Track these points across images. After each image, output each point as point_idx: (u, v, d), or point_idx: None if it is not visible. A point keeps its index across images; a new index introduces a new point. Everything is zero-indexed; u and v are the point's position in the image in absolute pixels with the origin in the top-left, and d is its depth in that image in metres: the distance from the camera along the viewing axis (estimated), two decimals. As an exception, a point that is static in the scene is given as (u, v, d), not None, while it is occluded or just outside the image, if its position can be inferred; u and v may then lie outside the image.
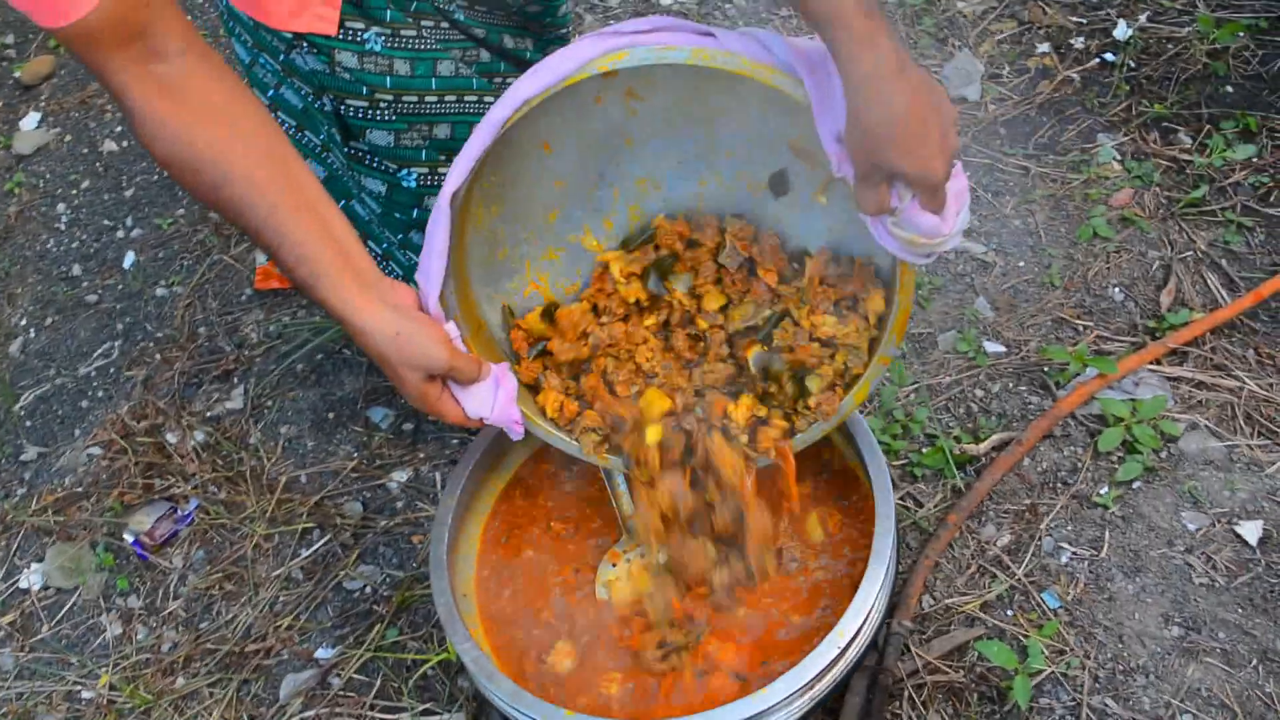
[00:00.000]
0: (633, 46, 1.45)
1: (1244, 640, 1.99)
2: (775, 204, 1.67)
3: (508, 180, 1.62)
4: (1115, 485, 2.19)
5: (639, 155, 1.66)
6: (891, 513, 1.64)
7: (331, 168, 2.07)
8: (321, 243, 1.50)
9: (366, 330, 1.51)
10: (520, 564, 1.83)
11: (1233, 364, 2.34)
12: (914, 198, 1.38)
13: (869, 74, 1.33)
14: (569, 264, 1.75)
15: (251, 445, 2.62)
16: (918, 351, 2.46)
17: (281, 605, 2.37)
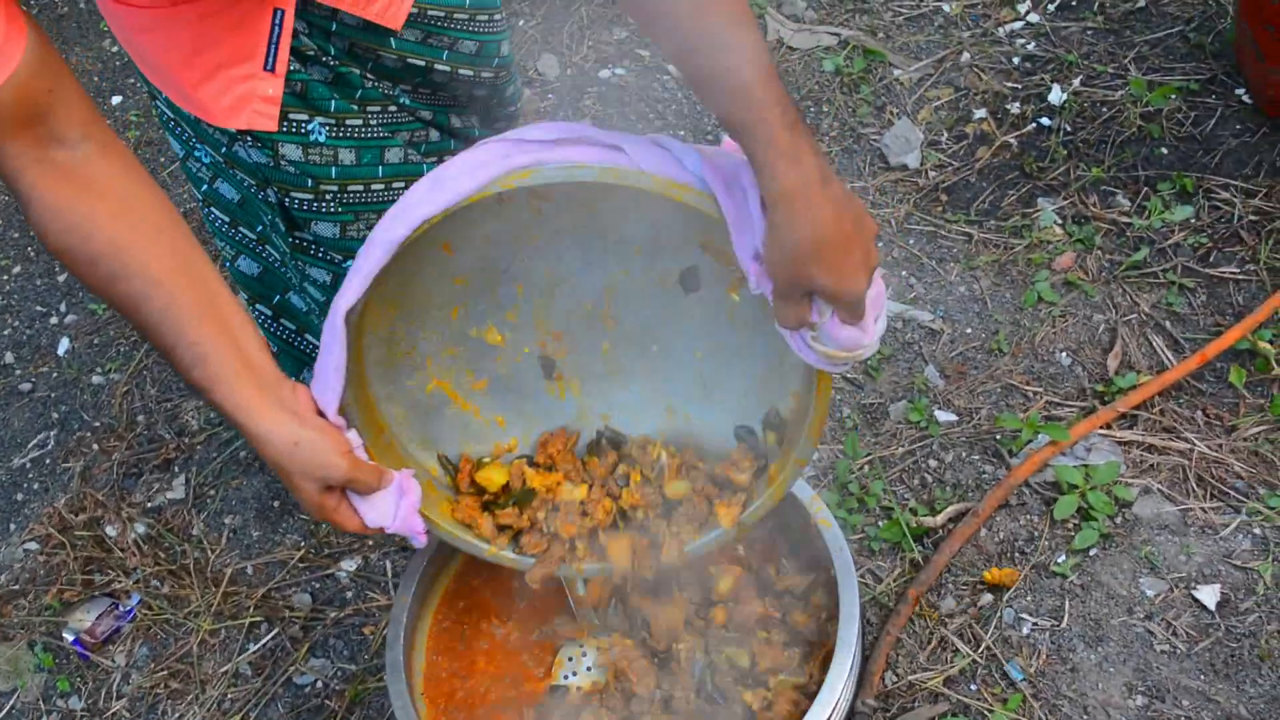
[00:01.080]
0: (539, 165, 1.38)
1: (1208, 707, 1.99)
2: (686, 300, 1.63)
3: (405, 282, 1.56)
4: (1072, 553, 2.19)
5: (544, 251, 1.60)
6: (855, 601, 1.62)
7: (268, 261, 2.03)
8: (220, 342, 1.43)
9: (263, 437, 1.44)
10: (475, 657, 1.79)
11: (1182, 426, 2.35)
12: (833, 313, 1.36)
13: (792, 191, 1.29)
14: (472, 359, 1.69)
15: (194, 536, 2.56)
16: (870, 423, 2.46)
17: (230, 703, 2.30)
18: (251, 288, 2.06)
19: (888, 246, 2.77)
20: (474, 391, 1.72)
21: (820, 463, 2.39)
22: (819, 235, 1.30)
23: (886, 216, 2.82)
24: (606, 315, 1.67)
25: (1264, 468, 2.28)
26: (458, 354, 1.68)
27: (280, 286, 2.04)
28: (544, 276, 1.62)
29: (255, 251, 2.01)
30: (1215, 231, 2.66)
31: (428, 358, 1.67)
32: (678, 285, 1.61)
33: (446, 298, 1.62)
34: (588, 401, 1.75)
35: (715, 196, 1.36)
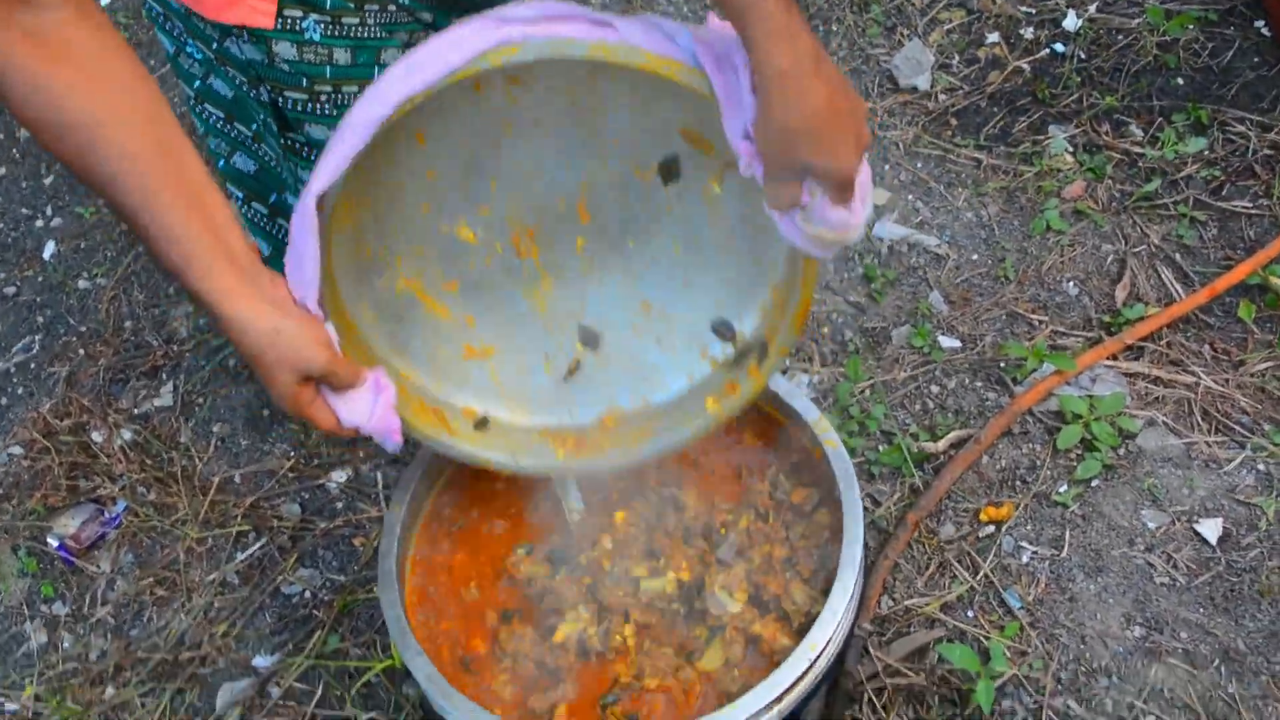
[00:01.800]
0: (526, 39, 1.33)
1: (1206, 640, 1.97)
2: (664, 193, 1.58)
3: (376, 174, 1.49)
4: (1074, 483, 2.16)
5: (518, 143, 1.54)
6: (860, 522, 1.59)
7: (263, 160, 1.97)
8: (197, 225, 1.34)
9: (241, 323, 1.36)
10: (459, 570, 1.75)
11: (1188, 359, 2.32)
12: (824, 194, 1.33)
13: (787, 70, 1.26)
14: (442, 258, 1.63)
15: (182, 444, 2.52)
16: (872, 347, 2.42)
17: (216, 611, 2.27)
18: (247, 185, 2.00)
19: (895, 170, 2.71)
20: (444, 292, 1.65)
21: (821, 385, 2.35)
22: (813, 114, 1.27)
23: (894, 139, 2.76)
24: (582, 210, 1.60)
25: (1270, 404, 2.25)
26: (427, 253, 1.60)
27: (276, 185, 1.98)
28: (518, 170, 1.55)
29: (251, 149, 1.95)
30: (1229, 165, 2.61)
31: (397, 256, 1.60)
32: (656, 178, 1.56)
33: (417, 192, 1.56)
34: (561, 298, 1.69)
35: (707, 74, 1.32)
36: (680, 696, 1.59)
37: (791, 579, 1.64)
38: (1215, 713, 1.90)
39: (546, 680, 1.63)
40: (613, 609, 1.65)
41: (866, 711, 1.97)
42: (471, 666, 1.65)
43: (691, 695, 1.58)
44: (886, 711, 1.96)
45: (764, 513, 1.72)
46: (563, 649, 1.63)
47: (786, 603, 1.62)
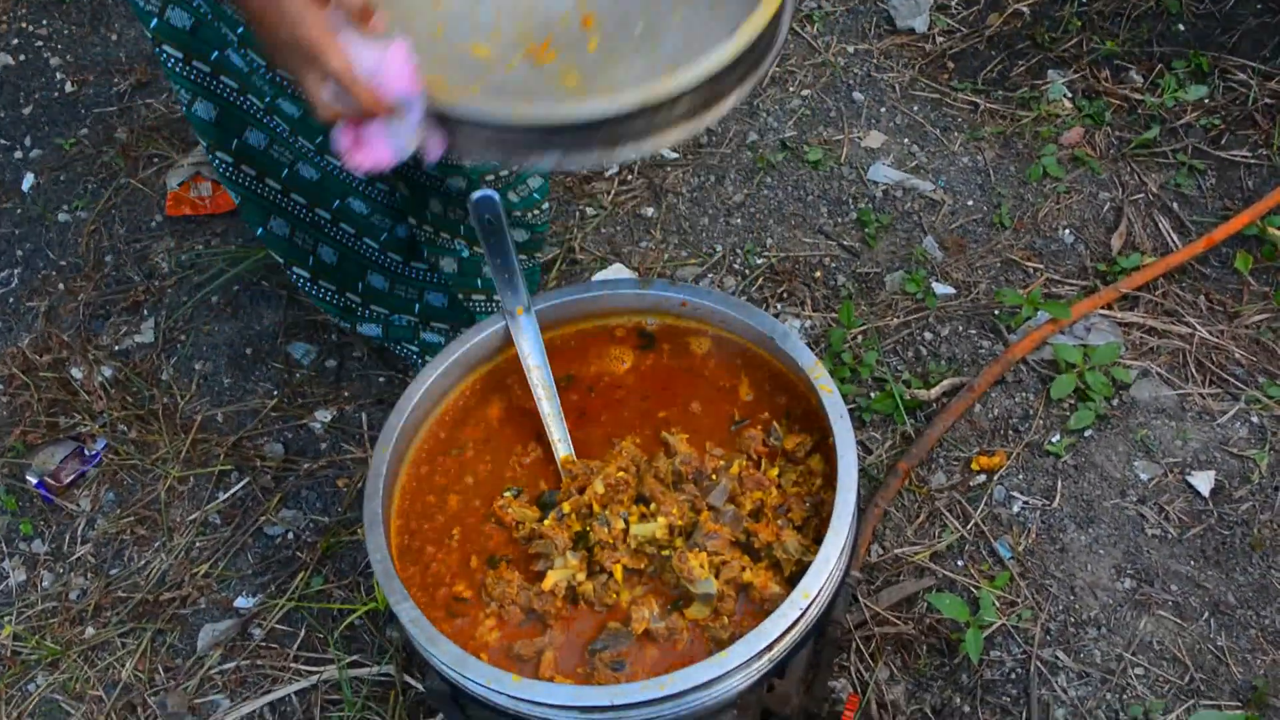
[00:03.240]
0: None
1: (1196, 593, 1.96)
2: None
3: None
4: (1067, 433, 2.14)
5: None
6: (854, 467, 1.56)
7: (275, 131, 1.93)
8: None
9: None
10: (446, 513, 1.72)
11: (1184, 310, 2.29)
12: None
13: None
14: (461, 77, 1.60)
15: (164, 382, 2.48)
16: (865, 292, 2.39)
17: (198, 551, 2.25)
18: (209, 134, 1.93)
19: (890, 113, 2.67)
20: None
21: (813, 331, 2.32)
22: None
23: (890, 81, 2.72)
24: (586, 17, 1.61)
25: (1265, 356, 2.23)
26: (445, 72, 1.57)
27: (239, 127, 1.92)
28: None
29: (263, 121, 1.90)
30: (1229, 113, 2.58)
31: None
32: None
33: (428, 19, 1.55)
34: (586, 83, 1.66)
35: None
36: (669, 644, 1.57)
37: (783, 526, 1.62)
38: (1204, 665, 1.89)
39: (533, 626, 1.60)
40: (602, 555, 1.62)
41: (854, 660, 1.96)
42: (457, 611, 1.63)
43: (680, 643, 1.57)
44: (874, 660, 1.95)
45: (756, 459, 1.69)
46: (551, 595, 1.60)
47: (778, 550, 1.59)
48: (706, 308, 1.77)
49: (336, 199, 2.04)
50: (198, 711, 2.08)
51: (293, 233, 2.05)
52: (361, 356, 2.44)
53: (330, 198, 2.03)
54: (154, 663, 2.14)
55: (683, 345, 1.81)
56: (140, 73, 3.09)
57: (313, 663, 2.09)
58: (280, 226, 2.03)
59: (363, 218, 2.09)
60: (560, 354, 1.83)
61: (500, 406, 1.82)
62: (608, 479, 1.67)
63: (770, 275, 2.43)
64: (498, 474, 1.76)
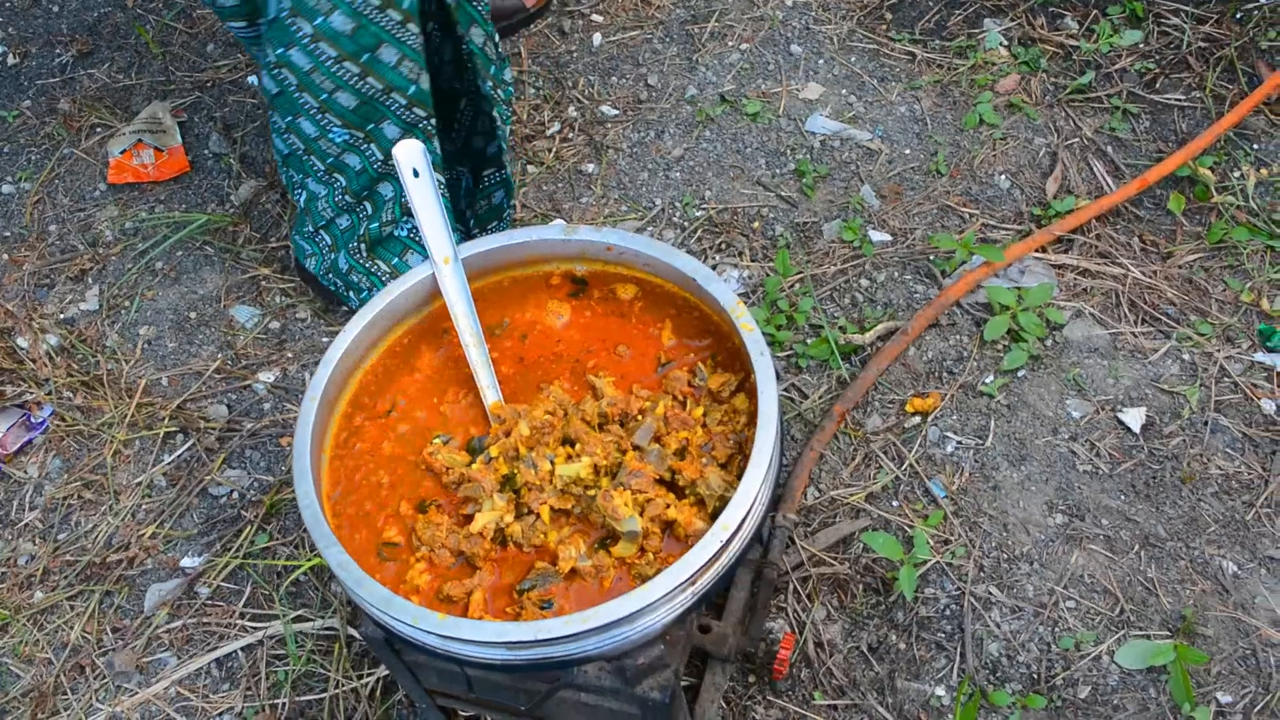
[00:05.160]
0: None
1: (1126, 526, 1.99)
2: None
3: None
4: (1001, 374, 2.16)
5: None
6: (775, 402, 1.58)
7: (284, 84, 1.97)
8: None
9: None
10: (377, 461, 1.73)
11: (1117, 251, 2.32)
12: None
13: None
14: None
15: (108, 348, 2.48)
16: (802, 241, 2.40)
17: (144, 513, 2.26)
18: None
19: (828, 65, 2.68)
20: None
21: (750, 280, 2.34)
22: None
23: (829, 34, 2.73)
24: None
25: (1196, 294, 2.25)
26: None
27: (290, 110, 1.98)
28: None
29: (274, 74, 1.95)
30: (1163, 57, 2.60)
31: None
32: None
33: None
34: None
35: None
36: (596, 582, 1.59)
37: (707, 464, 1.64)
38: (1134, 596, 1.92)
39: (463, 569, 1.62)
40: (529, 496, 1.64)
41: (791, 601, 1.98)
42: (389, 556, 1.64)
43: (607, 580, 1.59)
44: (811, 601, 1.98)
45: (682, 399, 1.71)
46: (479, 537, 1.62)
47: (702, 487, 1.61)
48: (632, 251, 1.78)
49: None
50: (146, 670, 2.09)
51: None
52: (305, 319, 2.45)
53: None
54: (102, 624, 2.15)
55: (611, 291, 1.83)
56: (82, 44, 3.09)
57: (259, 619, 2.10)
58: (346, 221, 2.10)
59: None
60: (493, 301, 1.84)
61: (432, 356, 1.84)
62: (534, 422, 1.68)
63: (709, 227, 2.44)
64: (429, 422, 1.77)
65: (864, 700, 1.88)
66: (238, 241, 2.60)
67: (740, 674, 1.94)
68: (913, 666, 1.90)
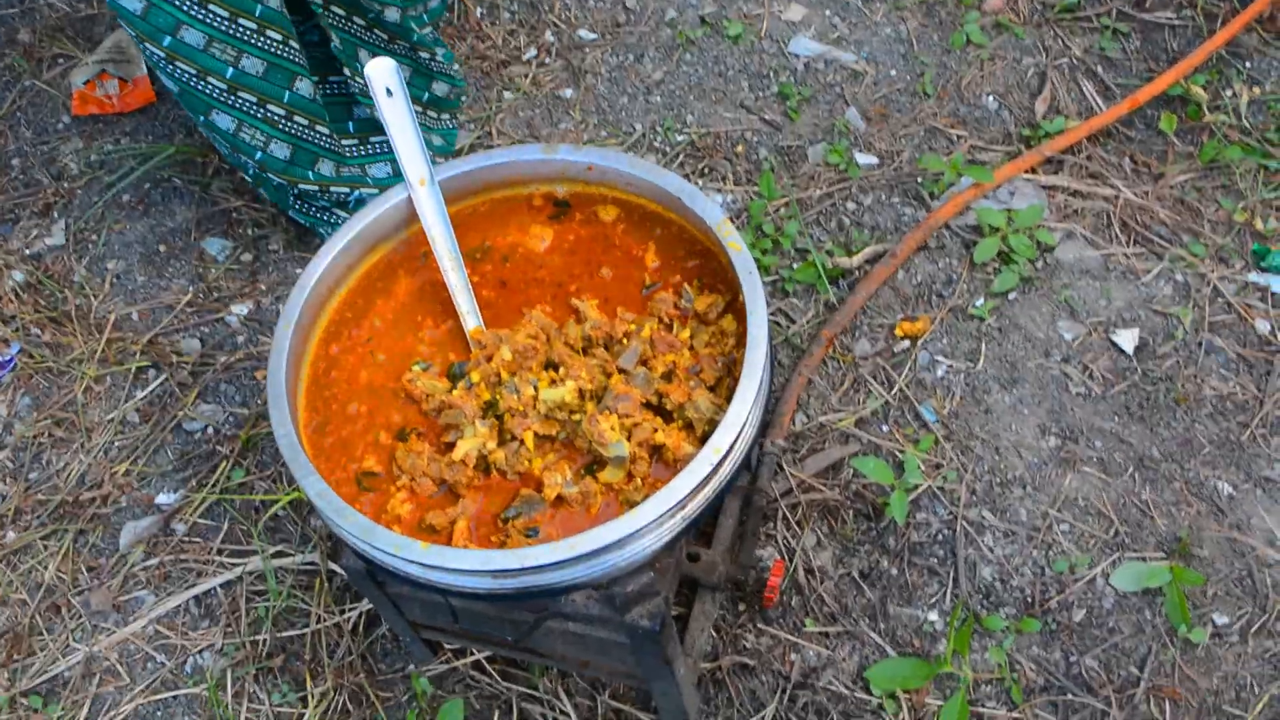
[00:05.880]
0: None
1: (1120, 448, 1.96)
2: None
3: None
4: (991, 296, 2.12)
5: None
6: (764, 322, 1.53)
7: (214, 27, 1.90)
8: None
9: None
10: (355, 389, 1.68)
11: (1108, 172, 2.27)
12: None
13: None
14: None
15: (76, 283, 2.42)
16: (787, 165, 2.35)
17: (117, 450, 2.20)
18: (136, 25, 1.88)
19: (812, -15, 2.62)
20: None
21: (734, 204, 2.28)
22: None
23: (812, -47, 2.66)
24: None
25: (1189, 215, 2.21)
26: None
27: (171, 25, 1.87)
28: None
29: None
30: (1153, -26, 2.54)
31: None
32: None
33: None
34: None
35: None
36: (583, 509, 1.55)
37: (695, 387, 1.59)
38: (1128, 519, 1.89)
39: (445, 498, 1.58)
40: (512, 422, 1.59)
41: (781, 528, 1.95)
42: (368, 485, 1.60)
43: (594, 507, 1.54)
44: (801, 527, 1.94)
45: (668, 322, 1.66)
46: (462, 465, 1.58)
47: (690, 411, 1.57)
48: (613, 171, 1.72)
49: (286, 90, 2.00)
50: (123, 609, 2.05)
51: (239, 128, 2.01)
52: (277, 250, 2.39)
53: (281, 91, 2.00)
54: (77, 563, 2.10)
55: (593, 212, 1.77)
56: (42, -29, 3.00)
57: (237, 555, 2.06)
58: (225, 121, 2.00)
59: (311, 101, 2.05)
60: (473, 224, 1.79)
61: (410, 281, 1.78)
62: (516, 346, 1.63)
63: (691, 151, 2.38)
64: (408, 349, 1.72)
65: (856, 627, 1.85)
66: (207, 172, 2.53)
67: (730, 602, 1.91)
68: (905, 592, 1.87)
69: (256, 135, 2.09)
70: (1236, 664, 1.76)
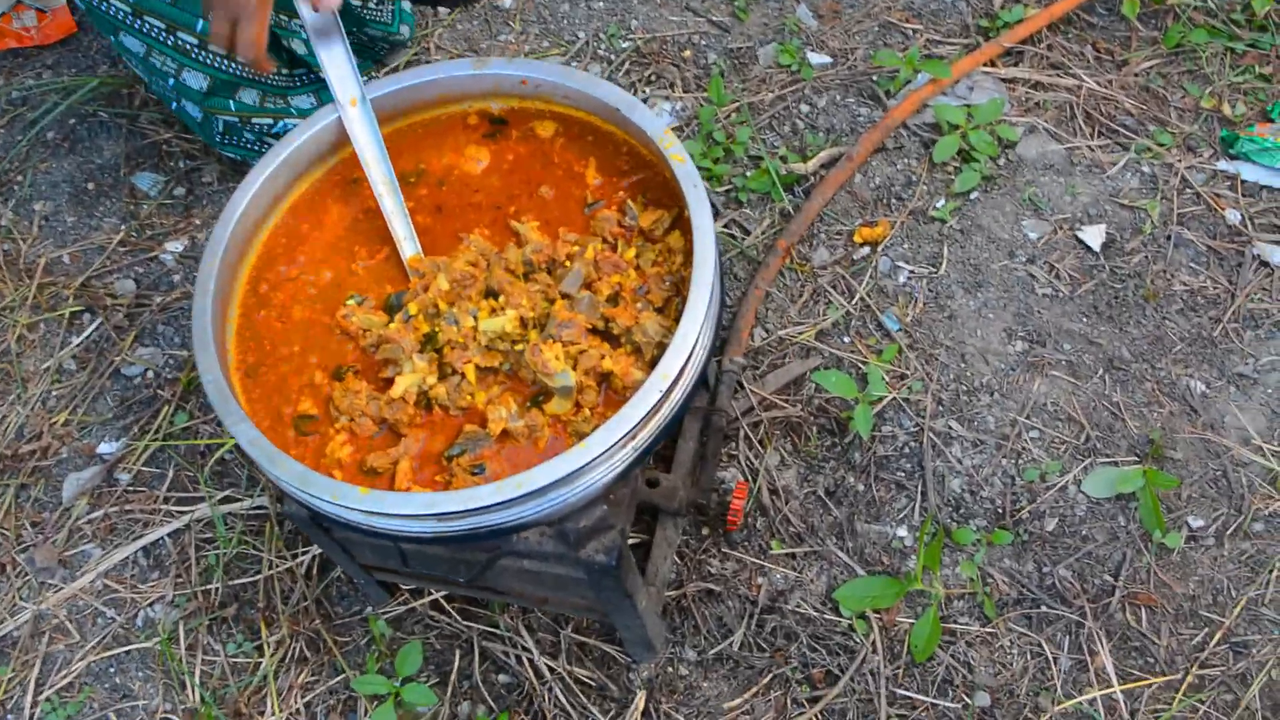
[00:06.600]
0: None
1: (1089, 350, 1.89)
2: None
3: None
4: (952, 197, 2.04)
5: None
6: (712, 239, 1.45)
7: None
8: None
9: None
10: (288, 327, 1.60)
11: (1070, 61, 2.19)
12: None
13: None
14: None
15: (3, 227, 2.31)
16: (737, 69, 2.25)
17: (55, 400, 2.12)
18: None
19: (757, -122, 2.50)
20: None
21: (684, 113, 2.19)
22: None
23: None
24: None
25: (1155, 103, 2.13)
26: None
27: None
28: None
29: None
30: None
31: None
32: None
33: None
34: None
35: None
36: (530, 443, 1.48)
37: (643, 309, 1.52)
38: (1099, 422, 1.83)
39: (386, 438, 1.50)
40: (453, 355, 1.52)
41: (743, 448, 1.89)
42: (306, 429, 1.52)
43: (542, 441, 1.47)
44: (764, 446, 1.88)
45: (613, 241, 1.58)
46: (402, 403, 1.50)
47: (638, 335, 1.49)
48: (549, 84, 1.63)
49: (199, 18, 1.89)
50: (69, 564, 1.98)
51: (149, 53, 1.90)
52: (211, 182, 2.29)
53: (193, 20, 1.89)
54: (20, 519, 2.03)
55: (531, 129, 1.68)
56: (-50, -102, 2.85)
57: (184, 502, 1.99)
58: (134, 44, 1.89)
59: None
60: (406, 147, 1.70)
61: (342, 210, 1.69)
62: (453, 275, 1.55)
63: (637, 58, 2.28)
64: (343, 281, 1.64)
65: (823, 546, 1.80)
66: (134, 104, 2.41)
67: (693, 527, 1.85)
68: (872, 509, 1.82)
69: (167, 62, 1.99)
70: (1213, 567, 1.72)
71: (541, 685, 1.76)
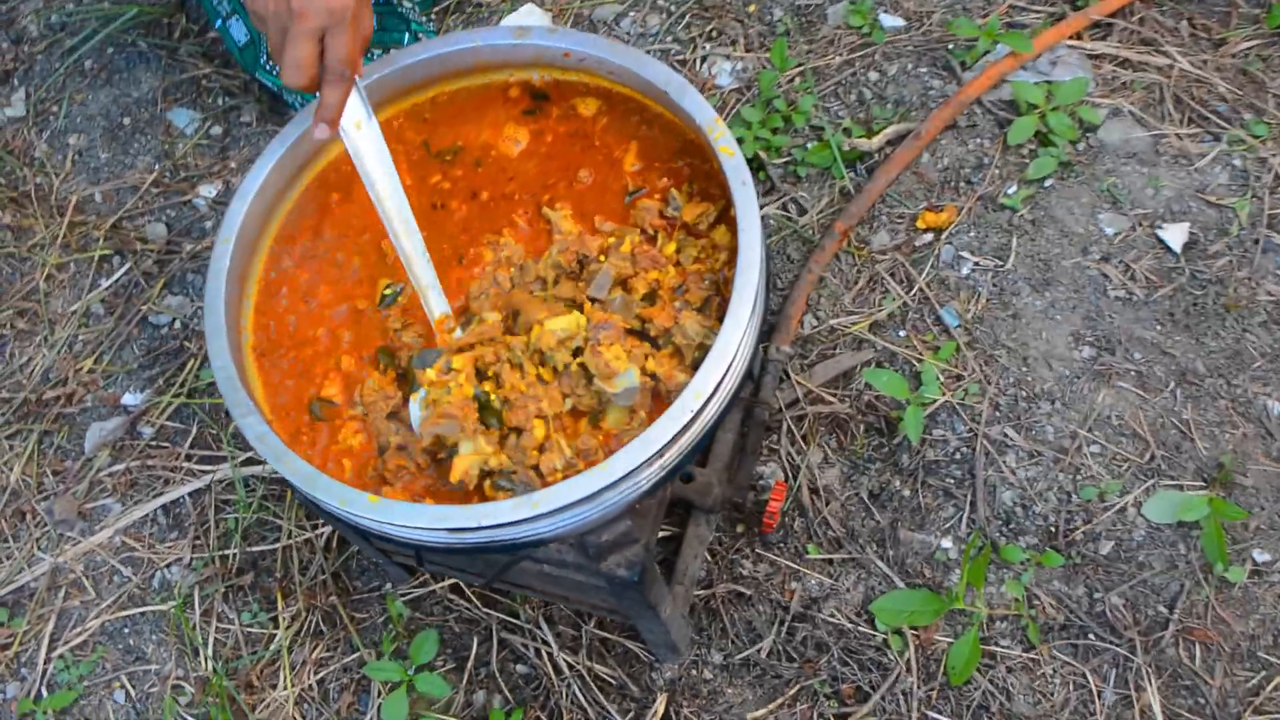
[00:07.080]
0: None
1: (1161, 361, 1.77)
2: None
3: None
4: (1025, 184, 1.91)
5: None
6: (759, 243, 1.34)
7: None
8: None
9: None
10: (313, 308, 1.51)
11: (1163, 37, 2.03)
12: None
13: None
14: None
15: (36, 159, 2.25)
16: (803, 27, 2.12)
17: (81, 345, 2.07)
18: None
19: None
20: None
21: (745, 74, 2.07)
22: None
23: None
24: None
25: (1252, 89, 1.98)
26: None
27: None
28: None
29: None
30: None
31: None
32: None
33: None
34: None
35: None
36: (582, 465, 1.38)
37: (681, 309, 1.42)
38: (1166, 441, 1.72)
39: (401, 429, 1.43)
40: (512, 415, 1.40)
41: (785, 442, 1.79)
42: (324, 414, 1.45)
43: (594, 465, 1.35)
44: (807, 442, 1.79)
45: (652, 233, 1.48)
46: None
47: (678, 336, 1.40)
48: (594, 58, 1.52)
49: None
50: (88, 516, 1.94)
51: None
52: (249, 122, 2.21)
53: None
54: (42, 466, 1.99)
55: (572, 106, 1.57)
56: None
57: (206, 461, 1.94)
58: None
59: None
60: (444, 118, 1.60)
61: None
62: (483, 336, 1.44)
63: (699, 12, 2.16)
64: (371, 261, 1.55)
65: (862, 554, 1.71)
66: (174, 35, 2.32)
67: (727, 524, 1.77)
68: (917, 516, 1.72)
69: (223, 2, 1.91)
70: (1276, 606, 1.61)
71: (560, 681, 1.70)
